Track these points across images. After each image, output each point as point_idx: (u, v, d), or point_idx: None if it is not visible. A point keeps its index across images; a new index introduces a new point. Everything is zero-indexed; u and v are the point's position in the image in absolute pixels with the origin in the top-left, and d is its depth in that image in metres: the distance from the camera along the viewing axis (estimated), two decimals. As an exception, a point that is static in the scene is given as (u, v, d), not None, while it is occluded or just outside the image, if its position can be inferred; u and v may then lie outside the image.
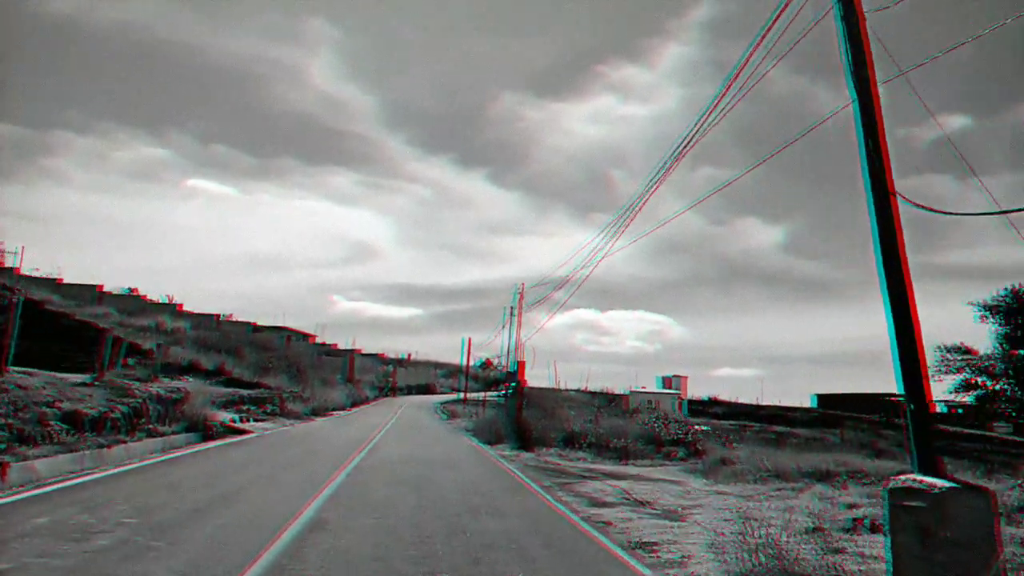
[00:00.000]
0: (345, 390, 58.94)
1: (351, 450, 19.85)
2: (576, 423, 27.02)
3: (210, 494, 10.67)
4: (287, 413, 35.25)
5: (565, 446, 25.63)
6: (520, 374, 27.35)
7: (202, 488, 11.15)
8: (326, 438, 24.21)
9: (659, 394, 62.97)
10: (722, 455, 21.82)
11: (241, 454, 16.91)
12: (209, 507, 9.63)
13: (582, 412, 31.15)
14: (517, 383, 27.02)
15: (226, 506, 9.84)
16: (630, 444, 24.25)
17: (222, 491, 11.00)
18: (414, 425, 36.87)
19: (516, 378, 27.19)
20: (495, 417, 31.31)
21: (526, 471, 18.57)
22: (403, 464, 17.40)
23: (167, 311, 65.68)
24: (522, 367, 27.55)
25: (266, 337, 65.09)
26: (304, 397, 42.61)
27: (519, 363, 27.60)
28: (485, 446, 26.18)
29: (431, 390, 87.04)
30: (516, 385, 26.99)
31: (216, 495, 10.61)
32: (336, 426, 31.88)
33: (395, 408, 54.72)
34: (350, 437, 25.36)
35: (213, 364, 47.47)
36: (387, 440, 25.20)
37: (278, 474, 13.55)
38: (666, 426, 26.52)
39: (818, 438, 51.43)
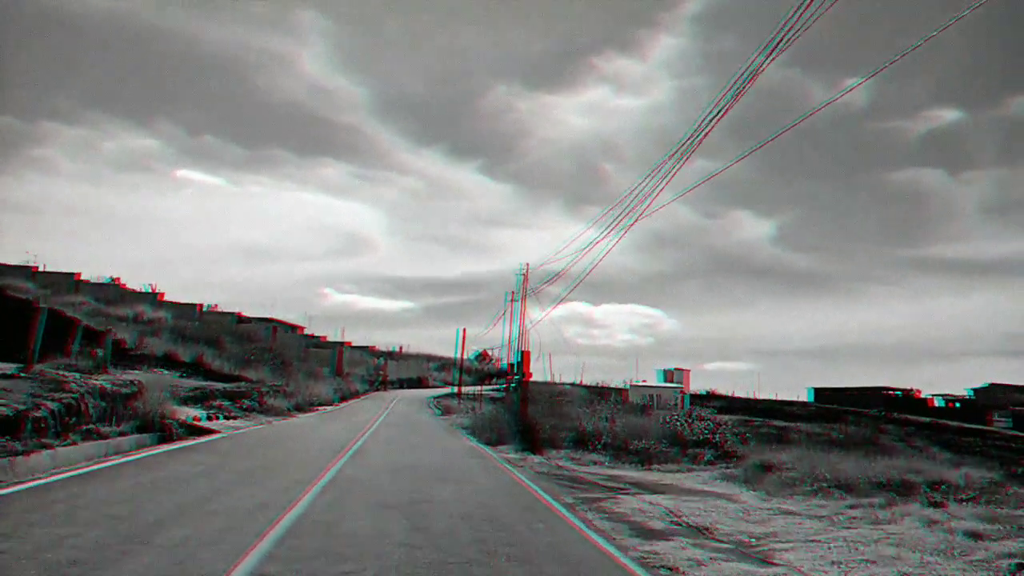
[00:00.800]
0: (333, 383, 55.48)
1: (330, 456, 16.44)
2: (587, 421, 23.69)
3: (89, 539, 7.23)
4: (267, 409, 31.78)
5: (576, 447, 22.33)
6: (524, 365, 24.04)
7: (94, 525, 7.69)
8: (304, 439, 20.79)
9: (661, 388, 59.79)
10: (762, 459, 18.53)
11: (190, 463, 13.47)
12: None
13: (591, 408, 27.88)
14: (521, 375, 23.73)
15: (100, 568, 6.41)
16: (652, 446, 20.95)
17: (123, 531, 7.54)
18: (406, 422, 33.48)
19: (520, 370, 23.90)
20: (496, 414, 28.00)
21: (540, 481, 15.25)
22: (392, 476, 14.00)
23: (147, 300, 62.02)
24: (527, 358, 24.23)
25: (250, 328, 61.47)
26: (287, 391, 39.13)
27: (523, 353, 24.31)
28: (486, 448, 22.82)
29: (423, 383, 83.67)
30: (520, 378, 23.70)
31: (99, 541, 7.15)
32: (319, 423, 28.45)
33: (386, 403, 51.30)
34: (332, 438, 21.93)
35: (191, 355, 43.97)
36: (375, 442, 21.80)
37: (222, 495, 10.10)
38: (689, 424, 23.24)
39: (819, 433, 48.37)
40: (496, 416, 27.04)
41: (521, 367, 23.72)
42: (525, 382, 23.83)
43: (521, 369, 23.63)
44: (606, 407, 28.98)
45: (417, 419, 36.88)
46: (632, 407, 59.70)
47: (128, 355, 41.71)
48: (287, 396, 38.37)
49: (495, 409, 30.17)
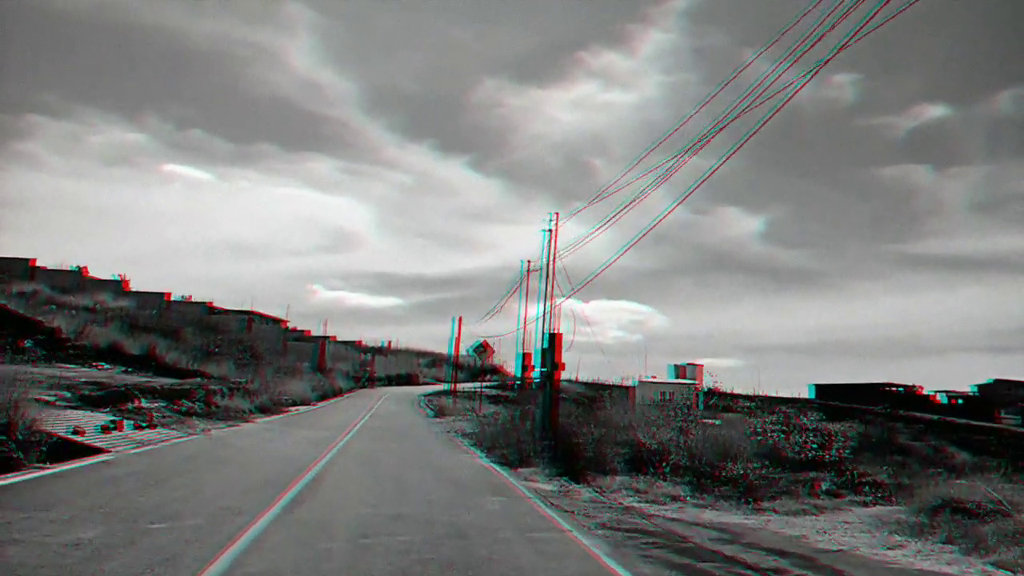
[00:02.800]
0: (313, 380, 48.02)
1: (262, 501, 9.17)
2: (643, 431, 16.45)
3: None
4: (215, 411, 24.36)
5: (632, 470, 15.17)
6: (556, 353, 16.84)
7: None
8: (237, 462, 13.47)
9: (673, 385, 52.70)
10: (941, 493, 11.46)
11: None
12: None
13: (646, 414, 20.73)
14: (551, 368, 16.57)
15: None
16: (749, 470, 13.79)
17: None
18: (392, 428, 26.17)
19: (548, 359, 16.73)
20: (509, 420, 20.81)
21: (622, 551, 8.14)
22: (359, 552, 6.79)
23: (110, 289, 54.26)
24: (558, 343, 17.04)
25: (221, 320, 53.89)
26: (250, 389, 31.69)
27: (553, 337, 17.07)
28: (504, 471, 15.57)
29: (413, 380, 76.27)
30: (550, 371, 16.56)
31: None
32: (279, 431, 21.12)
33: (371, 402, 43.90)
34: (284, 457, 14.66)
35: (141, 348, 36.39)
36: (344, 464, 14.56)
37: None
38: (788, 437, 16.14)
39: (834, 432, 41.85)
40: (512, 424, 19.89)
41: (551, 355, 16.58)
42: (557, 377, 16.63)
43: (551, 358, 16.49)
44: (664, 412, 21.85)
45: (406, 423, 29.54)
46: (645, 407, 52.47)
47: (65, 347, 34.22)
48: (249, 395, 30.93)
49: (507, 413, 22.96)
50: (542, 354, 17.79)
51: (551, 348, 16.67)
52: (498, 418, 27.16)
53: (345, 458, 15.61)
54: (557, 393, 16.62)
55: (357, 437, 21.44)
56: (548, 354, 16.70)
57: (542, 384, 17.40)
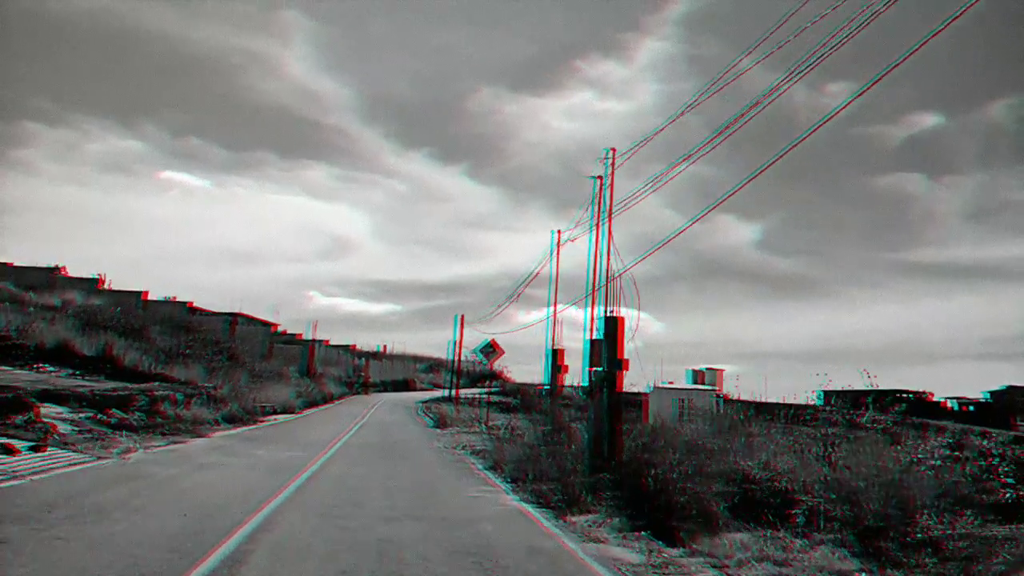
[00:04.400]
0: (301, 386, 42.29)
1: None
2: (751, 459, 10.82)
3: None
4: (161, 424, 18.66)
5: (741, 518, 9.60)
6: (618, 346, 11.23)
7: None
8: (114, 519, 7.78)
9: (691, 391, 46.94)
10: None
11: None
12: None
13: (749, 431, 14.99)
14: (612, 366, 10.93)
15: None
16: (955, 530, 8.22)
17: None
18: (384, 444, 20.48)
19: (610, 354, 11.07)
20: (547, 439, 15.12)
21: None
22: None
23: (83, 287, 48.49)
24: (620, 330, 11.44)
25: (201, 320, 48.09)
26: (217, 396, 25.99)
27: (613, 322, 11.46)
28: (548, 518, 9.95)
29: (410, 386, 70.47)
30: (609, 371, 10.93)
31: None
32: (231, 454, 15.39)
33: (363, 409, 38.15)
34: (206, 504, 8.99)
35: (96, 348, 30.63)
36: (302, 516, 8.89)
37: None
38: (993, 468, 10.57)
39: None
40: (547, 443, 14.26)
41: (610, 347, 10.84)
42: (619, 379, 10.94)
43: (610, 351, 10.79)
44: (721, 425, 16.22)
45: (402, 437, 23.84)
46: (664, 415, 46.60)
47: (2, 346, 28.53)
48: (216, 402, 25.24)
49: (531, 427, 17.27)
50: (593, 348, 12.21)
51: (611, 338, 11.08)
52: (515, 431, 21.50)
53: (308, 501, 9.98)
54: (619, 402, 11.02)
55: (338, 458, 15.78)
56: (606, 346, 11.12)
57: (593, 390, 11.81)
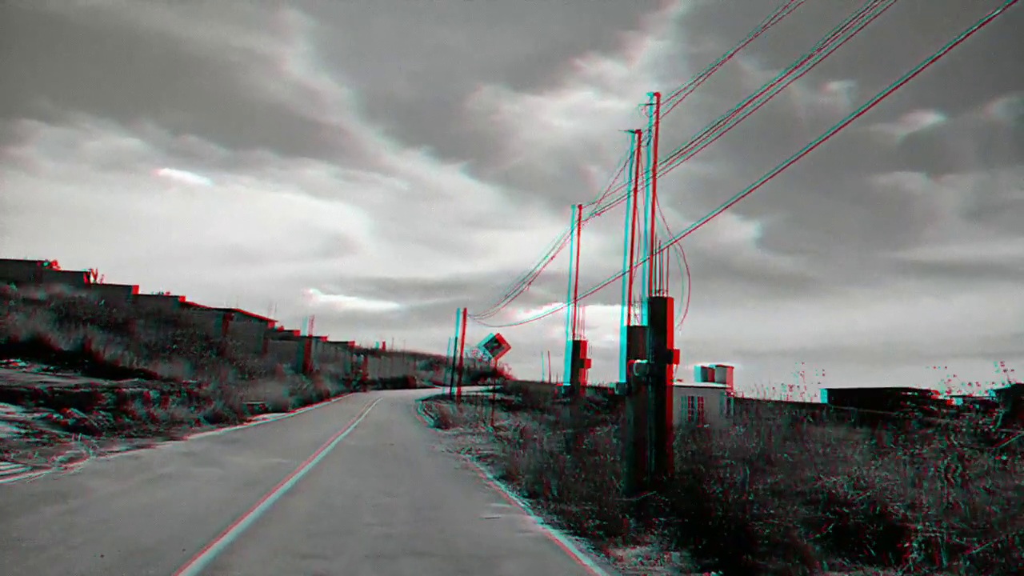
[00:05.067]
0: (295, 383, 40.00)
1: None
2: (822, 468, 8.54)
3: None
4: (129, 425, 16.38)
5: (836, 551, 7.31)
6: (667, 332, 9.11)
7: None
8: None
9: (701, 389, 44.66)
10: None
11: None
12: None
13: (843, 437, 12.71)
14: (659, 358, 8.77)
15: None
16: None
17: None
18: (381, 447, 18.16)
19: (656, 342, 8.92)
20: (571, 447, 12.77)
21: None
22: None
23: (71, 281, 46.12)
24: (670, 311, 9.28)
25: (192, 315, 45.70)
26: (202, 393, 23.71)
27: (658, 303, 9.34)
28: (584, 550, 7.68)
29: (410, 383, 68.22)
30: (656, 364, 8.77)
31: None
32: (202, 461, 13.04)
33: (360, 408, 35.86)
34: (139, 539, 6.70)
35: (73, 342, 28.29)
36: (263, 566, 6.56)
37: None
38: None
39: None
40: (573, 451, 11.98)
41: (657, 335, 8.53)
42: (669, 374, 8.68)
43: (656, 339, 8.51)
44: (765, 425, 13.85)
45: (402, 439, 21.53)
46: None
47: None
48: (199, 400, 22.98)
49: (552, 432, 14.89)
50: (631, 337, 9.91)
51: (657, 324, 8.71)
52: (525, 433, 19.21)
53: (278, 530, 7.70)
54: (669, 403, 8.71)
55: (326, 466, 13.49)
56: (651, 334, 8.76)
57: (632, 388, 9.48)
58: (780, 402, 44.84)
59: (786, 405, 46.90)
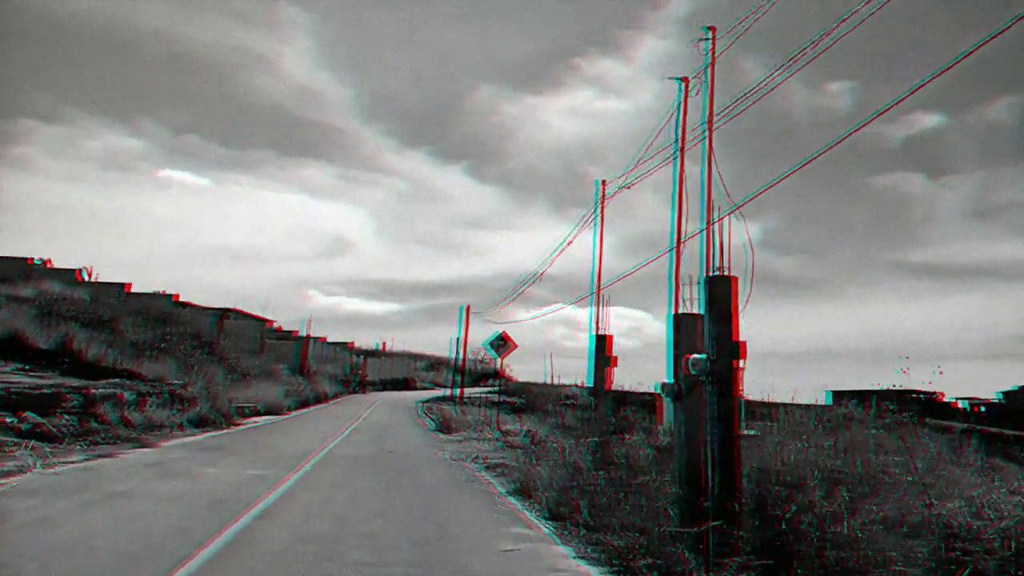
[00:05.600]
0: (292, 384, 38.15)
1: None
2: (929, 490, 6.74)
3: None
4: (95, 431, 14.49)
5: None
6: (732, 324, 7.46)
7: None
8: None
9: (712, 391, 42.69)
10: None
11: None
12: None
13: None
14: (722, 351, 7.10)
15: None
16: None
17: None
18: (379, 455, 16.22)
19: (718, 331, 7.27)
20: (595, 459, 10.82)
21: None
22: None
23: (62, 278, 44.24)
24: (734, 292, 7.64)
25: (185, 313, 43.81)
26: (187, 395, 21.82)
27: (719, 284, 7.68)
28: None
29: (410, 385, 66.35)
30: (719, 361, 7.05)
31: None
32: (168, 474, 11.12)
33: (359, 410, 33.96)
34: None
35: (54, 340, 26.40)
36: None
37: None
38: None
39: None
40: (597, 465, 10.06)
41: (719, 322, 6.83)
42: (736, 371, 6.99)
43: (718, 328, 6.83)
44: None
45: (402, 446, 19.61)
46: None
47: None
48: (183, 402, 21.10)
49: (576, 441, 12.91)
50: (680, 328, 8.00)
51: (718, 309, 6.81)
52: (536, 439, 17.31)
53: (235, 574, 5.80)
54: (737, 411, 6.86)
55: (314, 479, 11.58)
56: (710, 321, 6.85)
57: (684, 390, 7.56)
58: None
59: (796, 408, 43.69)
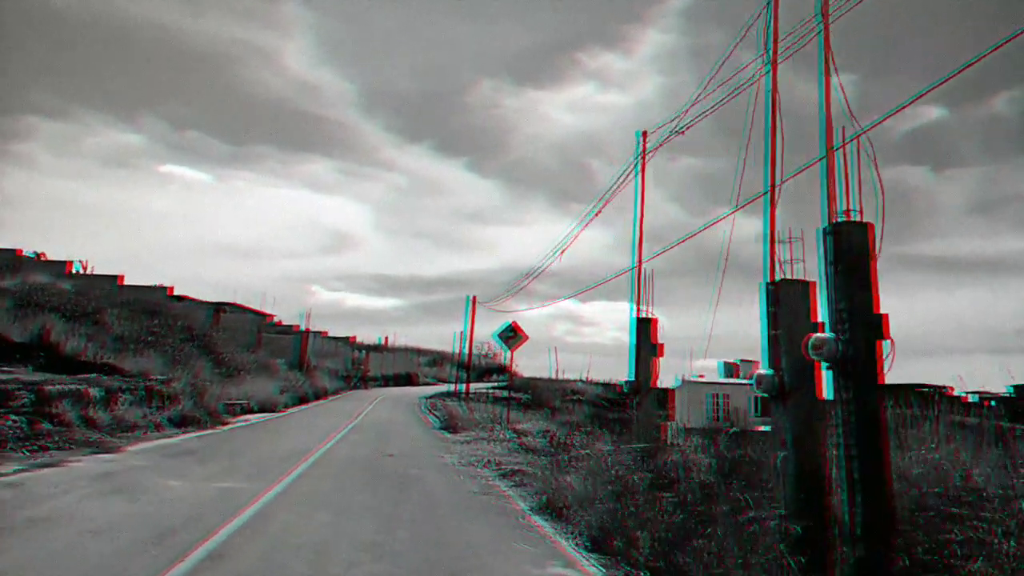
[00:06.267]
0: (289, 380, 36.05)
1: None
2: None
3: None
4: (47, 433, 12.33)
5: None
6: (872, 287, 5.58)
7: None
8: None
9: (726, 385, 40.83)
10: None
11: None
12: None
13: None
14: (857, 331, 5.20)
15: None
16: None
17: None
18: (377, 464, 14.03)
19: (859, 308, 5.31)
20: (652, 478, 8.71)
21: None
22: None
23: (52, 270, 42.14)
24: (871, 245, 5.79)
25: (176, 306, 41.66)
26: (169, 392, 19.68)
27: (853, 231, 5.82)
28: None
29: (412, 380, 64.27)
30: (854, 340, 5.14)
31: None
32: (106, 489, 8.96)
33: (359, 407, 31.84)
34: None
35: (29, 333, 24.24)
36: None
37: None
38: None
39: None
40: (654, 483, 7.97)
41: (856, 281, 4.90)
42: (879, 355, 5.10)
43: (856, 295, 4.90)
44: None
45: (405, 449, 17.45)
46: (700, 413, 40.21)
47: None
48: (163, 400, 18.95)
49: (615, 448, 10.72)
50: (773, 297, 5.83)
51: (852, 269, 4.72)
52: (555, 440, 15.12)
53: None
54: (882, 412, 4.84)
55: (296, 495, 9.41)
56: (837, 285, 4.78)
57: (789, 386, 5.37)
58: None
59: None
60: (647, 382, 10.73)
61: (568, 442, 13.35)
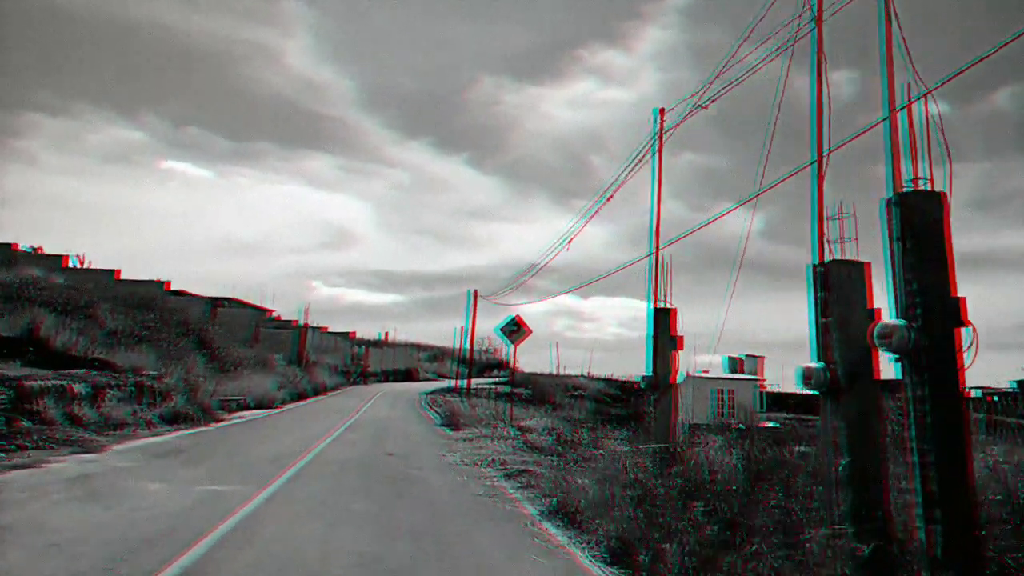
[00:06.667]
0: (287, 375, 35.29)
1: None
2: None
3: None
4: (30, 432, 11.59)
5: None
6: (948, 267, 4.95)
7: None
8: None
9: (731, 381, 39.99)
10: None
11: None
12: None
13: None
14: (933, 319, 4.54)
15: None
16: None
17: None
18: (375, 464, 13.29)
19: (933, 288, 4.68)
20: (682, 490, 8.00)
21: None
22: None
23: (46, 264, 41.35)
24: (946, 218, 5.13)
25: (172, 300, 40.87)
26: (160, 389, 18.93)
27: (924, 201, 5.17)
28: None
29: (413, 376, 63.55)
30: (929, 327, 4.46)
31: None
32: (78, 496, 8.20)
33: (358, 404, 31.11)
34: None
35: (18, 327, 23.47)
36: None
37: None
38: None
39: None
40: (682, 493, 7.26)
41: (929, 257, 4.22)
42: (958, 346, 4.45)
43: (935, 267, 4.21)
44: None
45: (403, 448, 16.71)
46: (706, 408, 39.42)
47: None
48: (154, 396, 18.22)
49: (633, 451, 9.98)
50: (822, 280, 5.11)
51: (923, 240, 4.12)
52: (562, 439, 14.38)
53: None
54: (965, 413, 4.14)
55: (286, 498, 8.67)
56: (905, 265, 4.12)
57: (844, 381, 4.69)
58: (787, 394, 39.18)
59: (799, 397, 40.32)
60: (666, 377, 9.94)
61: (576, 440, 12.61)
